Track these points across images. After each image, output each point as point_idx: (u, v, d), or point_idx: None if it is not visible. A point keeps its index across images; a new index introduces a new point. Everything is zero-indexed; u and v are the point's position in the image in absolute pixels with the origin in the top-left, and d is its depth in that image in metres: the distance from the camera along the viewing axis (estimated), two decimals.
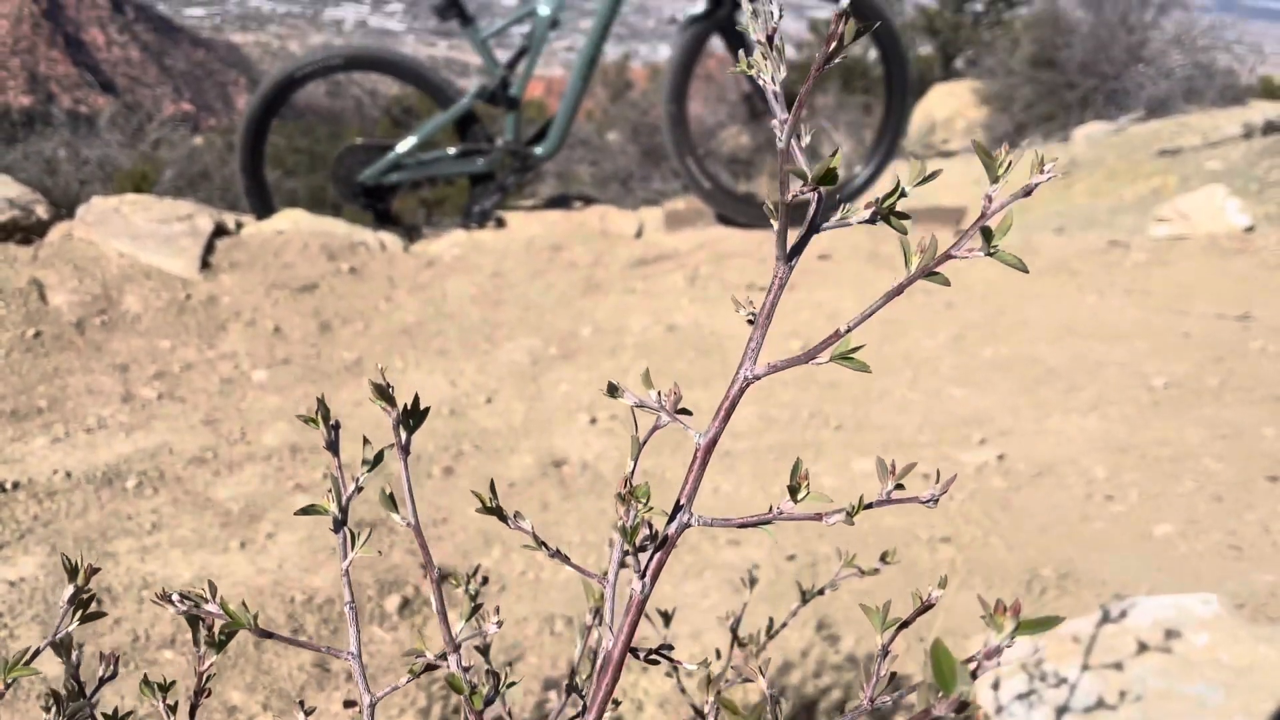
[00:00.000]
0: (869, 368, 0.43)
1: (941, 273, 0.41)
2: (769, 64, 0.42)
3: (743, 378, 0.43)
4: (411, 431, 0.48)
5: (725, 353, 2.60)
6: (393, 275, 2.93)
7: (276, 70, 3.15)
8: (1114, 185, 5.92)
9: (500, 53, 3.25)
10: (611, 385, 0.46)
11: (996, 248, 0.40)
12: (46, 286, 2.63)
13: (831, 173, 0.40)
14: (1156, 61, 7.66)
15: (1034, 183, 0.39)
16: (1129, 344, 2.41)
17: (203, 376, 2.40)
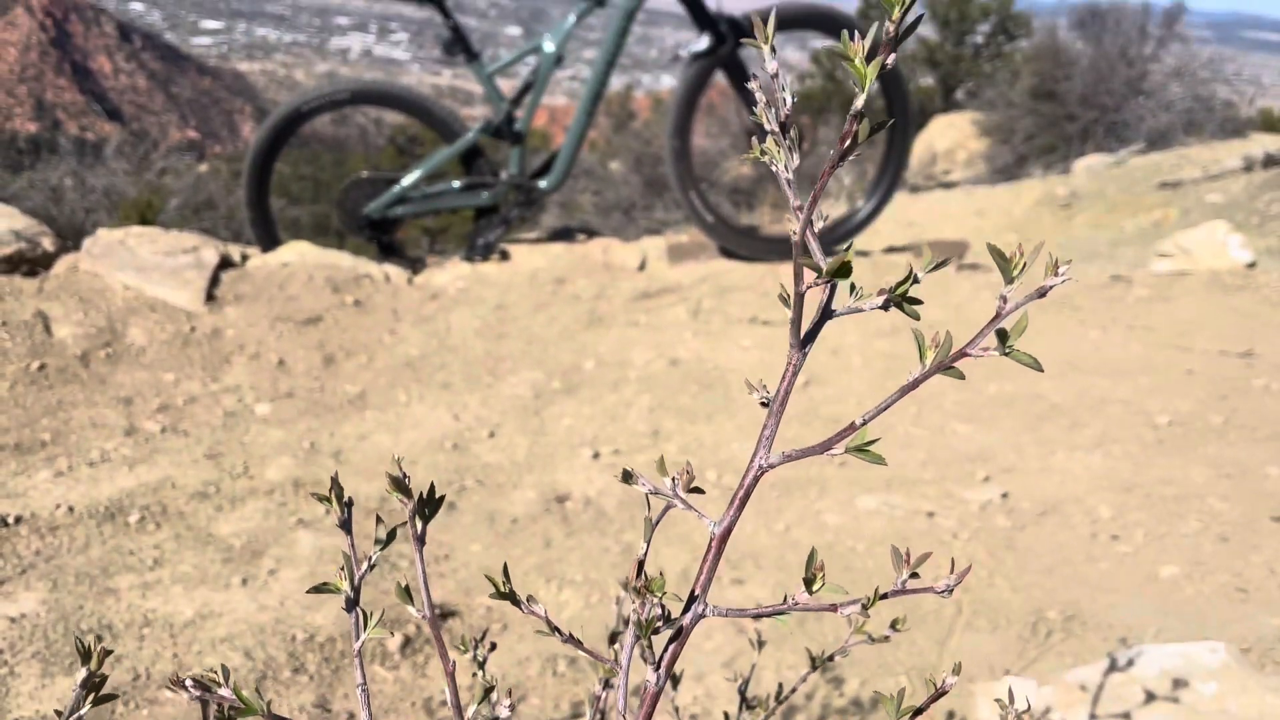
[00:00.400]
0: (885, 460, 0.43)
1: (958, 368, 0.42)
2: (782, 153, 0.42)
3: (757, 466, 0.43)
4: (427, 521, 0.47)
5: (728, 387, 2.61)
6: (397, 308, 2.94)
7: (284, 104, 3.17)
8: (1115, 217, 5.94)
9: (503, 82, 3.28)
10: (626, 473, 0.46)
11: (1012, 349, 0.40)
12: (51, 319, 2.64)
13: (847, 266, 0.40)
14: (1156, 94, 7.72)
15: (1049, 285, 0.39)
16: (1132, 380, 2.41)
17: (206, 410, 2.40)
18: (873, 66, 0.38)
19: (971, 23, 10.69)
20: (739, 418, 2.44)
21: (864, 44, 0.38)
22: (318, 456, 2.24)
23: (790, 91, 0.42)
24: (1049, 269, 0.39)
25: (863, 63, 0.38)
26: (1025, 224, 6.45)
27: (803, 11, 3.18)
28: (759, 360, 2.73)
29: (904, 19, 0.37)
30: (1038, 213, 6.63)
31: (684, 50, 3.14)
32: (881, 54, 0.38)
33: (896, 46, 0.38)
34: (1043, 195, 6.87)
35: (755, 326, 2.93)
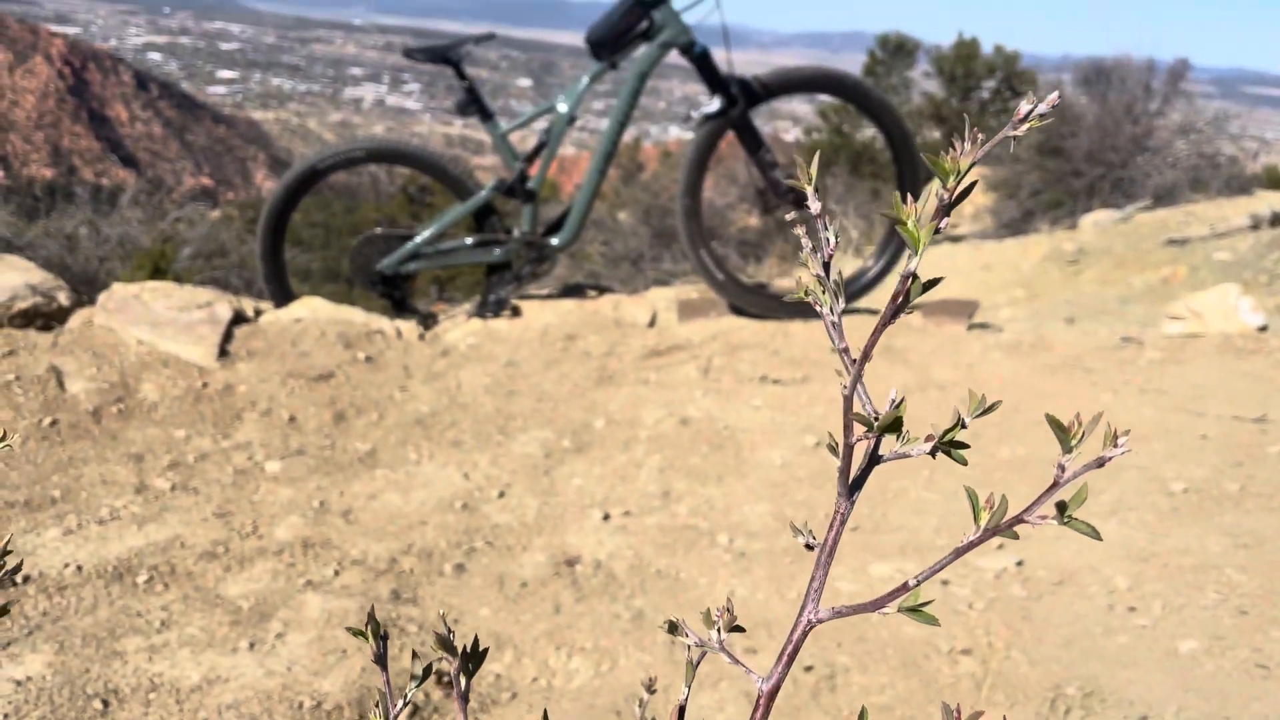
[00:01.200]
0: (938, 621, 0.43)
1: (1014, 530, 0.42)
2: (828, 295, 0.43)
3: (806, 620, 0.43)
4: (470, 677, 0.47)
5: (739, 447, 2.60)
6: (408, 364, 2.95)
7: (300, 162, 3.22)
8: (1123, 274, 5.96)
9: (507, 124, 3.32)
10: (671, 624, 0.45)
11: (1071, 518, 0.40)
12: (65, 374, 2.66)
13: (898, 421, 0.41)
14: (1162, 151, 7.79)
15: (1107, 456, 0.39)
16: (1146, 446, 2.40)
17: (217, 467, 2.40)
18: (927, 231, 0.39)
19: (977, 79, 10.85)
20: (750, 479, 2.43)
21: (917, 206, 0.39)
22: (327, 516, 2.23)
23: (833, 233, 0.42)
24: (1108, 439, 0.39)
25: (916, 226, 0.39)
26: (1033, 279, 6.47)
27: (812, 75, 3.23)
28: (769, 420, 2.72)
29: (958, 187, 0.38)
30: (1045, 268, 6.66)
31: (695, 112, 3.19)
32: (935, 220, 0.39)
33: (949, 212, 0.39)
34: (1050, 250, 6.91)
35: (765, 385, 2.93)
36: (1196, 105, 8.87)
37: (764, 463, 2.51)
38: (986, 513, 0.42)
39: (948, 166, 0.38)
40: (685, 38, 3.12)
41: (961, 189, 0.38)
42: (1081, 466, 0.40)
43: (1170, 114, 8.12)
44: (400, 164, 3.27)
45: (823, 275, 0.43)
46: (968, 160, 0.38)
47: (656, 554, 2.11)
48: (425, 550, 2.12)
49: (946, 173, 0.38)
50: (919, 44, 11.68)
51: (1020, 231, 8.40)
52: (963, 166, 0.38)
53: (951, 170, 0.38)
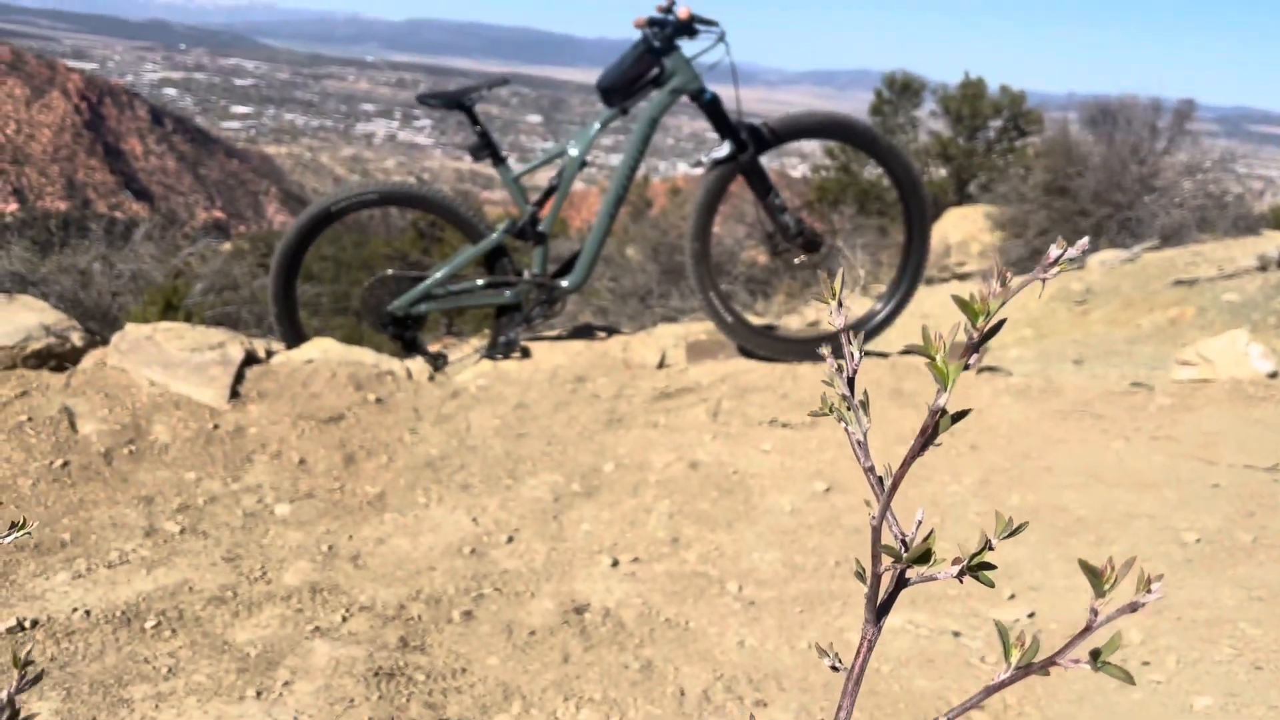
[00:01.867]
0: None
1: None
2: (853, 415, 0.43)
3: None
4: None
5: (748, 492, 2.59)
6: (418, 406, 2.96)
7: (314, 204, 3.26)
8: (1131, 314, 5.96)
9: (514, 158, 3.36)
10: None
11: (1105, 663, 0.41)
12: (77, 415, 2.67)
13: (927, 554, 0.41)
14: (1168, 191, 7.82)
15: (1140, 601, 0.40)
16: (1157, 494, 2.39)
17: (226, 510, 2.40)
18: (955, 368, 0.39)
19: (984, 118, 10.93)
20: (759, 525, 2.42)
21: (945, 342, 0.40)
22: (336, 560, 2.23)
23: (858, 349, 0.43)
24: (1141, 585, 0.40)
25: (944, 362, 0.39)
26: (1041, 319, 6.47)
27: (820, 121, 3.27)
28: (779, 464, 2.72)
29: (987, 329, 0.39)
30: (1053, 308, 6.66)
31: (705, 157, 3.22)
32: (964, 357, 0.40)
33: (978, 349, 0.40)
34: (1058, 290, 6.91)
35: (775, 429, 2.93)
36: (1202, 145, 8.92)
37: (773, 508, 2.50)
38: (1018, 650, 0.42)
39: (977, 308, 0.39)
40: (695, 85, 3.17)
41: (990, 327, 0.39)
42: (1115, 610, 0.40)
43: (1176, 154, 8.15)
44: (412, 207, 3.30)
45: (848, 394, 0.43)
46: (997, 302, 0.38)
47: (666, 602, 2.10)
48: (433, 596, 2.12)
49: (976, 314, 0.39)
50: (925, 84, 11.79)
51: (1027, 270, 8.42)
52: (993, 308, 0.38)
53: (981, 311, 0.39)
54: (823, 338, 3.37)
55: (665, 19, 3.12)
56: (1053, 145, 8.72)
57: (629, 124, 3.27)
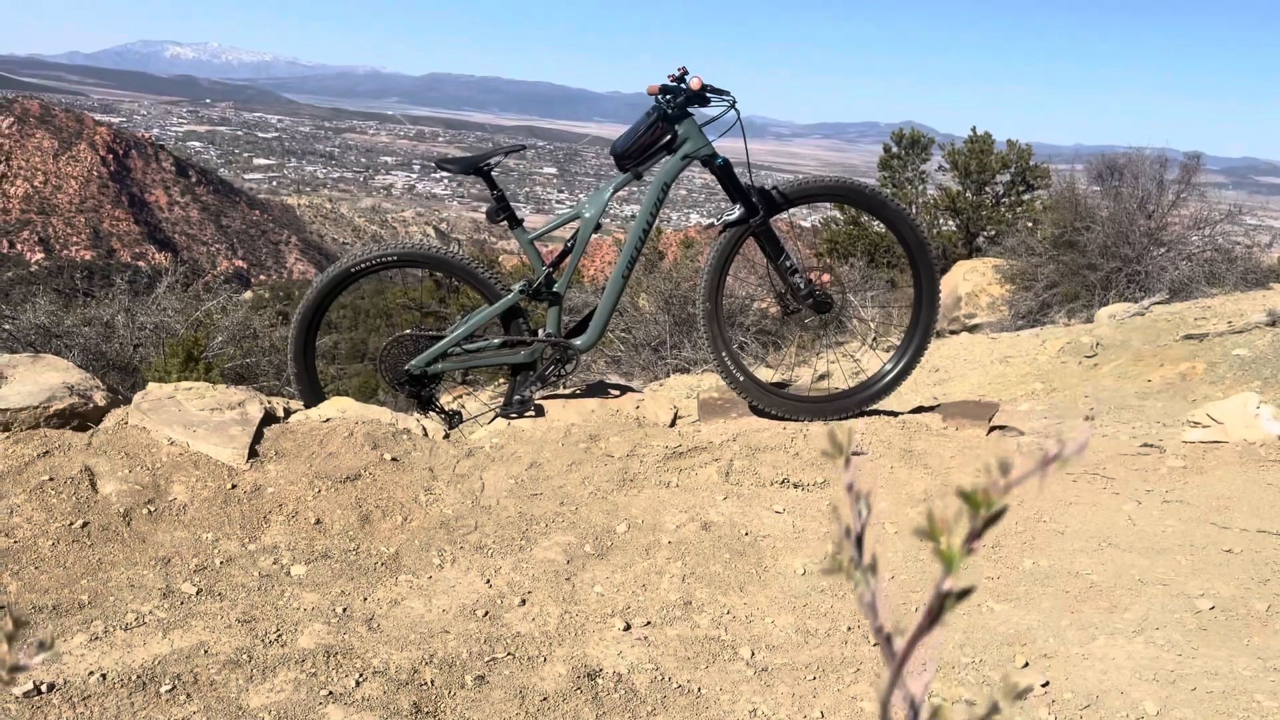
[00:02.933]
0: None
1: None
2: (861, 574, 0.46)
3: None
4: None
5: (760, 554, 2.60)
6: (433, 465, 2.99)
7: (335, 265, 3.33)
8: (1141, 369, 5.96)
9: None
10: None
11: None
12: (98, 475, 2.72)
13: None
14: (1176, 244, 7.85)
15: None
16: (1171, 559, 2.38)
17: (243, 571, 2.43)
18: (960, 549, 0.42)
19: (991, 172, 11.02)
20: (771, 588, 2.43)
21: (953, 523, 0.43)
22: (350, 623, 2.24)
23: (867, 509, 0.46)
24: None
25: (949, 546, 0.42)
26: (1052, 373, 6.47)
27: (830, 186, 3.33)
28: (791, 526, 2.73)
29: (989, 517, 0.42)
30: (1063, 361, 6.66)
31: (718, 219, 3.28)
32: (968, 543, 0.43)
33: (980, 535, 0.43)
34: (1068, 343, 6.92)
35: (786, 489, 2.94)
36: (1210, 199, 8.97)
37: (786, 571, 2.51)
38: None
39: (979, 499, 0.42)
40: (707, 150, 3.24)
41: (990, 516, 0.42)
42: None
43: (1184, 208, 8.21)
44: (430, 268, 3.37)
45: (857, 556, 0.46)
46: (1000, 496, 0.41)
47: (678, 667, 2.11)
48: (447, 660, 2.13)
49: (977, 504, 0.42)
50: (933, 139, 11.93)
51: (1037, 322, 8.43)
52: (995, 503, 0.41)
53: (983, 503, 0.42)
54: (833, 398, 3.40)
55: (678, 87, 3.20)
56: (1060, 200, 8.78)
57: (644, 204, 3.34)
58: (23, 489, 2.62)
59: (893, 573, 2.44)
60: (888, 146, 11.93)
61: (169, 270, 8.43)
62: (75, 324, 7.56)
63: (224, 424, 2.97)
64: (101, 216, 66.00)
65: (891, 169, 11.64)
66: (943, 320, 9.67)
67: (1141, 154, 8.89)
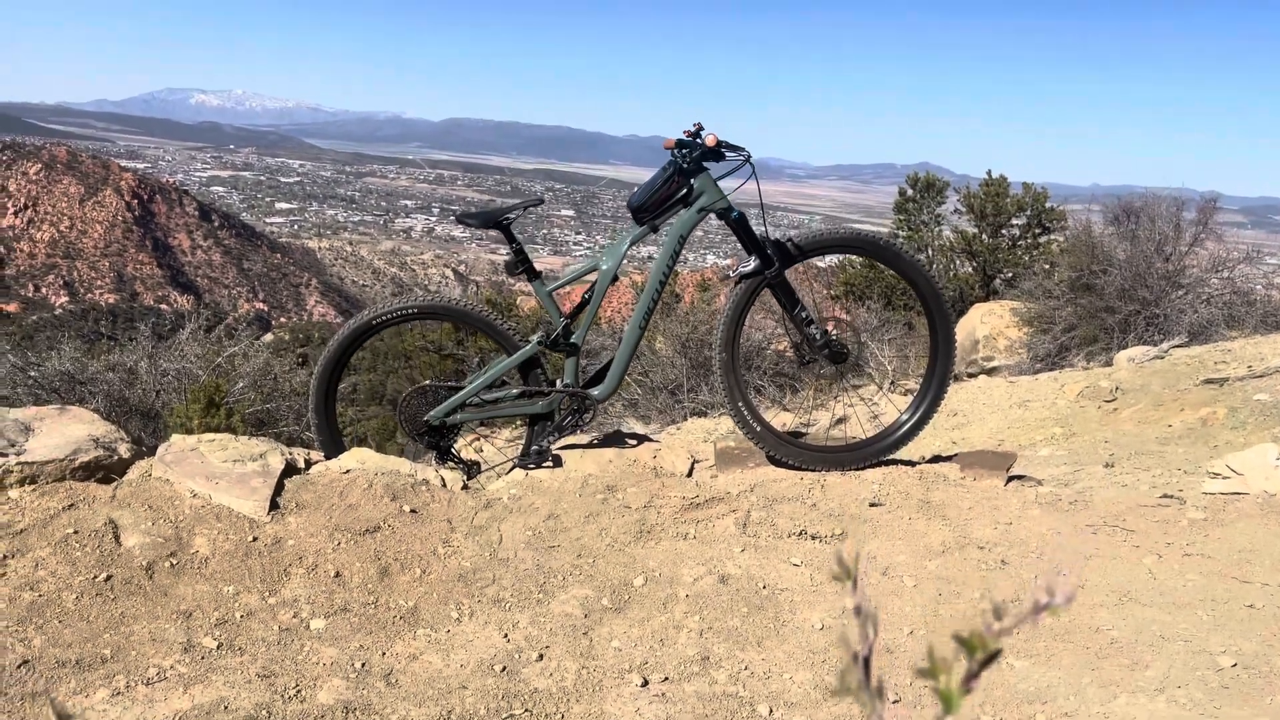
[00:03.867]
0: None
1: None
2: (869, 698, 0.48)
3: None
4: None
5: (778, 608, 2.59)
6: (451, 517, 3.01)
7: (357, 318, 3.38)
8: (1161, 413, 5.91)
9: None
10: None
11: None
12: (121, 528, 2.75)
13: None
14: (1195, 287, 7.83)
15: None
16: (1192, 614, 2.36)
17: (263, 625, 2.45)
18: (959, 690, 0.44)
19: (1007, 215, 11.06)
20: (789, 643, 2.42)
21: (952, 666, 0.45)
22: (369, 678, 2.25)
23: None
24: None
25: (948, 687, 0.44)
26: (1070, 417, 6.43)
27: (844, 238, 3.37)
28: (809, 579, 2.72)
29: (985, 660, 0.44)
30: (1082, 405, 6.62)
31: (733, 271, 3.32)
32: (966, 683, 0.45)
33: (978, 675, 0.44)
34: (1087, 387, 6.89)
35: (804, 541, 2.94)
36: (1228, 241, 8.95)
37: (803, 626, 2.50)
38: None
39: (974, 643, 0.44)
40: (722, 204, 3.29)
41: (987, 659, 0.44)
42: None
43: (1201, 251, 8.20)
44: (451, 321, 3.42)
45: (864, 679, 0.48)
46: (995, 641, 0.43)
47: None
48: (464, 717, 2.13)
49: (973, 648, 0.44)
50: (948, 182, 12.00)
51: (1055, 365, 8.40)
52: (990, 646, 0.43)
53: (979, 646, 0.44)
54: (850, 448, 3.40)
55: (693, 142, 3.26)
56: (1077, 243, 8.79)
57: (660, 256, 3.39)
58: (48, 542, 2.66)
59: (911, 628, 2.43)
60: (903, 190, 12.00)
61: (192, 315, 8.56)
62: (100, 370, 7.66)
63: (246, 476, 3.01)
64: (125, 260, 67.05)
65: (907, 212, 11.70)
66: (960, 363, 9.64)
67: (1157, 196, 8.90)
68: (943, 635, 2.39)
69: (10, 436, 3.06)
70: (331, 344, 3.38)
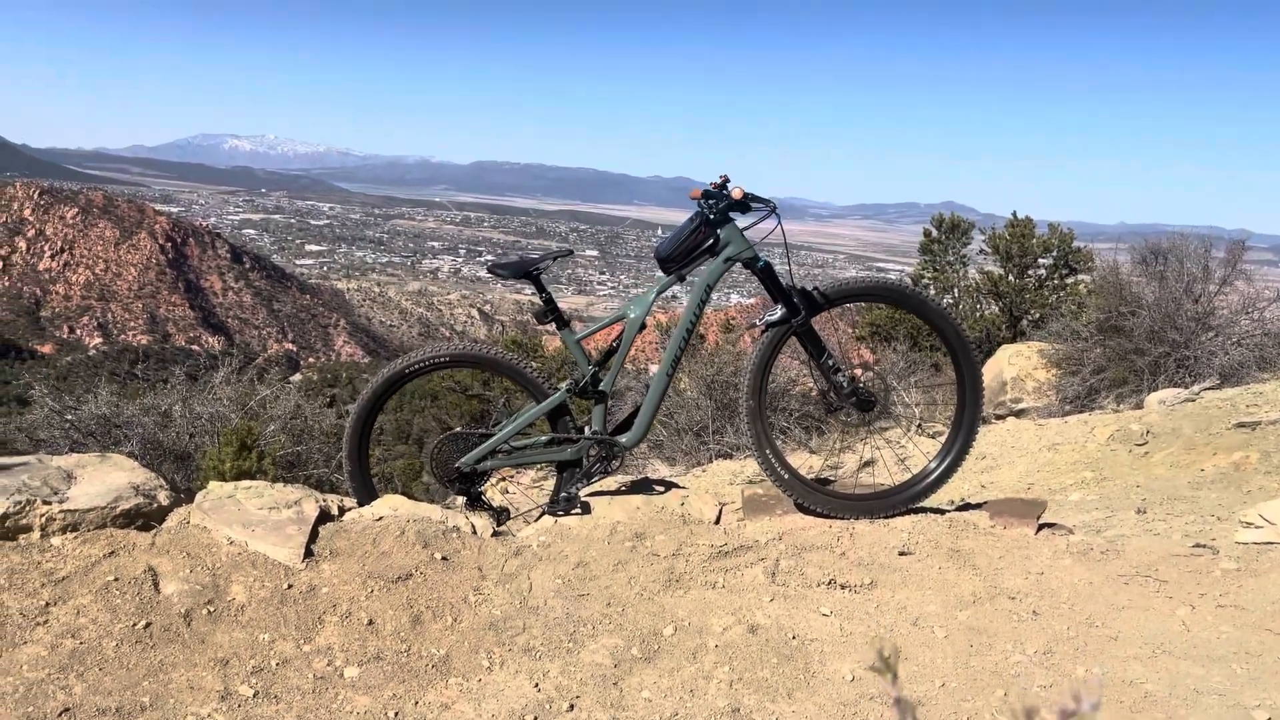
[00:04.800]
0: None
1: None
2: None
3: None
4: None
5: (808, 658, 2.59)
6: (482, 565, 3.04)
7: (390, 366, 3.45)
8: (1193, 457, 5.85)
9: None
10: None
11: None
12: (160, 575, 2.81)
13: None
14: (1225, 329, 7.77)
15: None
16: (1226, 667, 2.34)
17: (298, 673, 2.48)
18: None
19: (1033, 256, 11.06)
20: (819, 695, 2.42)
21: None
22: None
23: None
24: None
25: None
26: (1101, 461, 6.37)
27: (870, 286, 3.41)
28: (838, 629, 2.72)
29: None
30: (1113, 449, 6.56)
31: (759, 320, 3.36)
32: None
33: None
34: (1117, 430, 6.83)
35: (833, 590, 2.94)
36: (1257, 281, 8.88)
37: (834, 677, 2.50)
38: None
39: None
40: (749, 253, 3.34)
41: None
42: None
43: (1231, 292, 8.14)
44: (480, 368, 3.48)
45: None
46: None
47: None
48: None
49: None
50: (973, 223, 12.03)
51: (1084, 408, 8.33)
52: None
53: None
54: (878, 496, 3.41)
55: (720, 193, 3.33)
56: (1104, 284, 8.76)
57: (687, 305, 3.44)
58: (89, 589, 2.72)
59: (943, 680, 2.42)
60: (928, 231, 12.02)
61: (224, 360, 8.70)
62: (135, 414, 7.80)
63: (281, 523, 3.06)
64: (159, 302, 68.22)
65: (932, 253, 11.72)
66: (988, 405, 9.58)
67: (1185, 237, 8.87)
68: (974, 688, 2.38)
69: (54, 484, 3.14)
70: (366, 392, 3.45)
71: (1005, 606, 2.75)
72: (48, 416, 7.84)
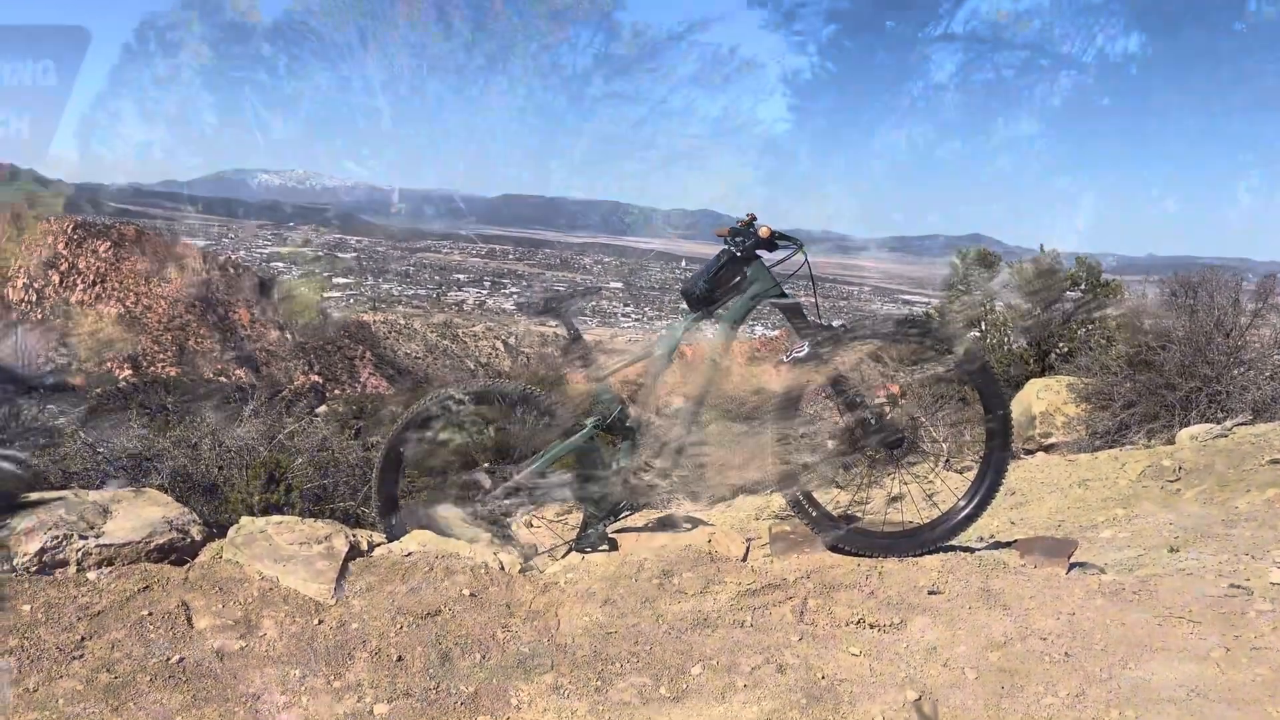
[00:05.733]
0: None
1: None
2: None
3: None
4: None
5: (837, 699, 2.58)
6: (509, 601, 3.05)
7: (417, 405, 3.49)
8: (1226, 494, 5.76)
9: None
10: None
11: None
12: (193, 610, 2.84)
13: None
14: (1257, 363, 7.68)
15: None
16: (1261, 711, 2.30)
17: (328, 709, 2.50)
18: None
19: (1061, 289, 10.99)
20: None
21: None
22: None
23: None
24: None
25: None
26: (1132, 498, 6.29)
27: (895, 327, 3.42)
28: (868, 670, 2.70)
29: None
30: (1144, 485, 6.48)
31: (786, 356, 3.37)
32: None
33: None
34: (1149, 466, 6.74)
35: (862, 630, 2.92)
36: None
37: (863, 718, 2.48)
38: None
39: None
40: (775, 291, 3.36)
41: None
42: None
43: (1263, 326, 8.05)
44: (510, 404, 3.51)
45: None
46: None
47: None
48: None
49: None
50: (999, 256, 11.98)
51: (1115, 443, 8.22)
52: None
53: None
54: (907, 534, 3.39)
55: (747, 231, 3.36)
56: (1133, 318, 8.69)
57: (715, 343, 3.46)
58: (124, 624, 2.76)
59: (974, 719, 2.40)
60: (954, 265, 12.00)
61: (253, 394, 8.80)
62: (166, 447, 7.89)
63: (311, 559, 3.09)
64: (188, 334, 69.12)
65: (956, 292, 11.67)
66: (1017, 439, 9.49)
67: (1215, 270, 8.80)
68: None
69: (89, 519, 3.20)
70: (394, 431, 3.48)
71: (1036, 648, 2.73)
72: (80, 449, 7.96)
